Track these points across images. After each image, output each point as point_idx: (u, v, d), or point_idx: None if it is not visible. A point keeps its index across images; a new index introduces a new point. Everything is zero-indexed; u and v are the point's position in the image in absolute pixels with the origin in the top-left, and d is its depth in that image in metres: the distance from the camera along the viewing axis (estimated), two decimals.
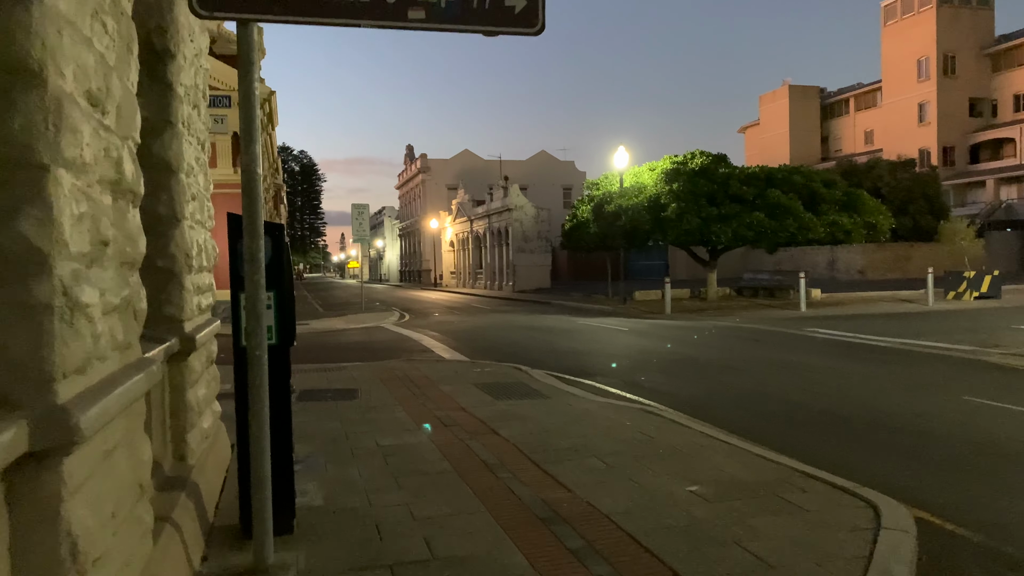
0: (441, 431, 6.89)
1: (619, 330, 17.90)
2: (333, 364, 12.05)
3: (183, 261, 4.75)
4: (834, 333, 16.16)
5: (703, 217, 24.56)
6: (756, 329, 17.66)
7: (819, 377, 10.28)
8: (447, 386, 9.49)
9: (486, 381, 9.81)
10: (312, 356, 13.92)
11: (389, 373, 10.62)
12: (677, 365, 11.78)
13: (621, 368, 11.49)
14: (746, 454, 5.84)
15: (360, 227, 26.66)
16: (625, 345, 14.75)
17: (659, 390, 9.49)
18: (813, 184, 25.88)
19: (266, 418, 3.89)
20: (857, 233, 25.30)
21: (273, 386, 4.39)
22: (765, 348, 13.99)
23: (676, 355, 13.05)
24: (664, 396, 9.01)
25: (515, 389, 9.20)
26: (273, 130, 29.39)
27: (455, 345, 15.13)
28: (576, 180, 71.34)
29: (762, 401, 8.68)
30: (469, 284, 54.03)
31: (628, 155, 26.92)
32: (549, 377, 10.24)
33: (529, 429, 6.87)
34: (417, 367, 11.24)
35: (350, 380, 10.13)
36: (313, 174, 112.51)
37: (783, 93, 75.00)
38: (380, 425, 7.22)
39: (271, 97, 22.89)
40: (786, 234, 24.45)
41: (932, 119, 58.19)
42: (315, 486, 5.29)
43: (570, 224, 30.04)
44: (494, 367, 11.09)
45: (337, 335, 18.60)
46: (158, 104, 4.62)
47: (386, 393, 9.05)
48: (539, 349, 14.15)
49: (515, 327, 19.53)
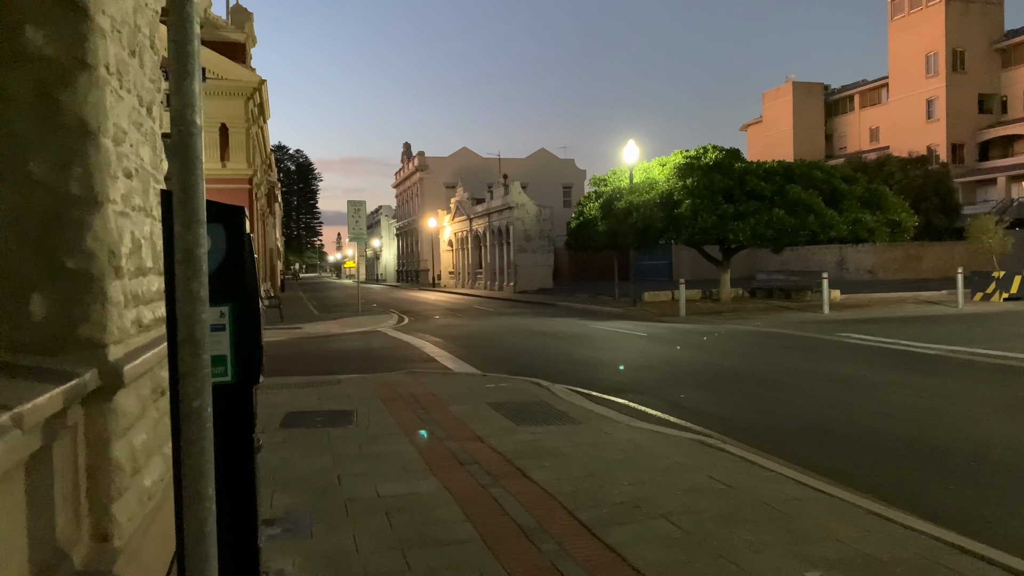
0: (456, 474, 5.52)
1: (636, 335, 16.54)
2: (326, 377, 10.68)
3: (106, 261, 3.37)
4: (870, 338, 14.82)
5: (719, 214, 23.23)
6: (783, 334, 16.32)
7: (885, 395, 8.93)
8: (458, 406, 8.12)
9: (502, 400, 8.45)
10: (303, 366, 12.55)
11: (390, 389, 9.25)
12: (715, 378, 10.43)
13: (652, 382, 10.14)
14: (860, 512, 4.48)
15: (356, 224, 25.29)
16: (648, 353, 13.40)
17: (706, 412, 8.14)
18: (833, 180, 24.57)
19: (209, 502, 2.53)
20: (880, 231, 23.98)
21: (227, 443, 3.03)
22: (804, 357, 12.65)
23: (709, 366, 11.70)
24: (715, 420, 7.66)
25: (538, 411, 7.84)
26: (265, 123, 28.00)
27: (461, 353, 13.76)
28: (576, 178, 70.05)
29: (832, 427, 7.33)
30: (468, 284, 52.65)
31: (638, 149, 25.57)
32: (574, 394, 8.89)
33: (567, 470, 5.51)
34: (422, 381, 9.87)
35: (345, 399, 8.76)
36: (309, 173, 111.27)
37: (787, 90, 73.80)
38: (381, 463, 5.86)
39: (261, 87, 21.51)
40: (807, 232, 23.12)
41: (941, 116, 56.96)
42: (296, 565, 3.92)
43: (576, 222, 28.66)
44: (509, 382, 9.72)
45: (331, 341, 17.22)
46: (69, 38, 3.25)
47: (387, 417, 7.69)
48: (555, 358, 12.78)
49: (523, 332, 18.17)
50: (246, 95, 21.16)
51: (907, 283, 37.50)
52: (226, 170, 21.05)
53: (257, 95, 22.00)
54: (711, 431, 7.07)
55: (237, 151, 21.16)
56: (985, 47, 57.34)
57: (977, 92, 57.12)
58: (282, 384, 10.00)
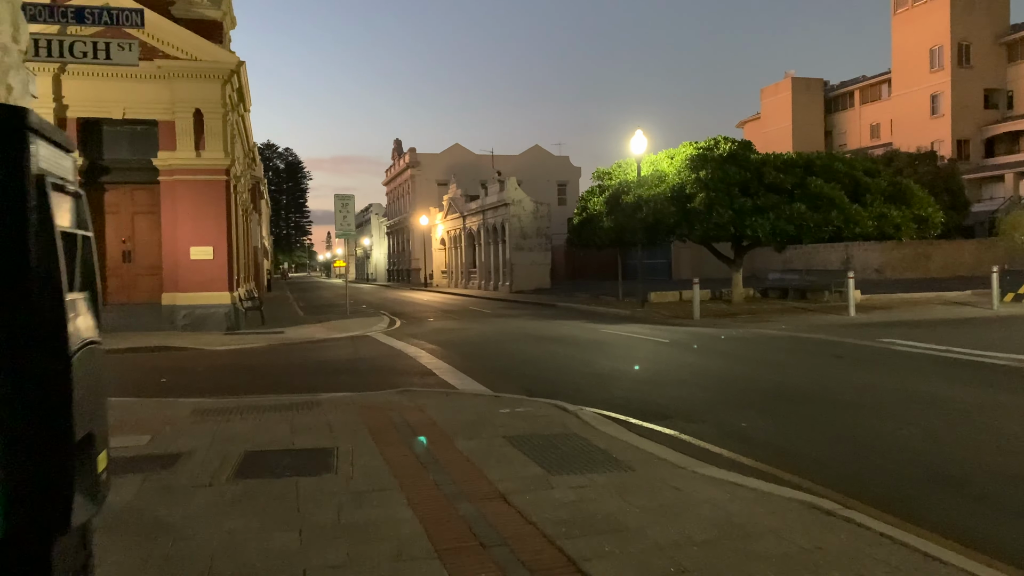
0: (479, 567, 3.76)
1: (657, 342, 14.82)
2: (304, 397, 8.89)
3: None
4: (919, 345, 13.14)
5: (736, 209, 21.52)
6: (820, 340, 14.63)
7: (997, 423, 7.22)
8: (467, 442, 6.37)
9: (523, 431, 6.70)
10: (279, 381, 10.77)
11: (380, 416, 7.47)
12: (771, 396, 8.70)
13: (698, 402, 8.40)
14: None
15: (345, 220, 23.46)
16: (678, 364, 11.67)
17: (781, 447, 6.41)
18: (855, 173, 22.90)
19: None
20: (907, 227, 22.33)
21: None
22: (860, 368, 10.95)
23: (757, 380, 9.98)
24: (802, 461, 5.93)
25: (571, 449, 6.09)
26: (246, 111, 26.09)
27: (461, 364, 11.97)
28: (571, 175, 68.33)
29: (967, 475, 5.60)
30: (462, 284, 50.85)
31: (646, 140, 23.84)
32: (610, 423, 7.13)
33: (643, 562, 3.75)
34: (419, 404, 8.09)
35: (324, 430, 6.98)
36: (299, 171, 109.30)
37: (786, 86, 72.33)
38: (369, 543, 4.10)
39: (240, 69, 19.65)
40: (831, 228, 21.46)
41: (946, 111, 55.54)
42: None
43: (579, 218, 26.90)
44: (527, 405, 7.95)
45: (315, 349, 15.41)
46: None
47: (376, 458, 5.92)
48: (571, 370, 11.03)
49: (529, 337, 16.41)
50: (223, 78, 19.29)
51: (918, 282, 35.97)
52: (200, 159, 19.16)
53: (235, 79, 20.14)
54: (809, 480, 5.34)
55: (213, 139, 19.29)
56: (991, 41, 55.97)
57: (983, 87, 55.74)
58: (249, 407, 8.21)
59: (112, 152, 19.44)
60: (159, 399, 9.02)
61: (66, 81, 18.52)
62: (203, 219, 19.27)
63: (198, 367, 12.75)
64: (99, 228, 19.44)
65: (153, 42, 18.89)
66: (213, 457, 6.02)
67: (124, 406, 8.50)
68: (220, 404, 8.57)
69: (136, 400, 8.93)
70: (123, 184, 19.51)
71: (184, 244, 19.17)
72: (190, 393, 9.80)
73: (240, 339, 17.08)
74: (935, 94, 56.52)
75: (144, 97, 18.91)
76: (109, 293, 19.59)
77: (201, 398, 9.11)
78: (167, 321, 19.07)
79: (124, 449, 6.35)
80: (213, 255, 19.34)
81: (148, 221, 19.62)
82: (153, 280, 19.66)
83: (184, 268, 19.15)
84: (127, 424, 7.48)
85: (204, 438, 6.69)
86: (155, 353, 14.79)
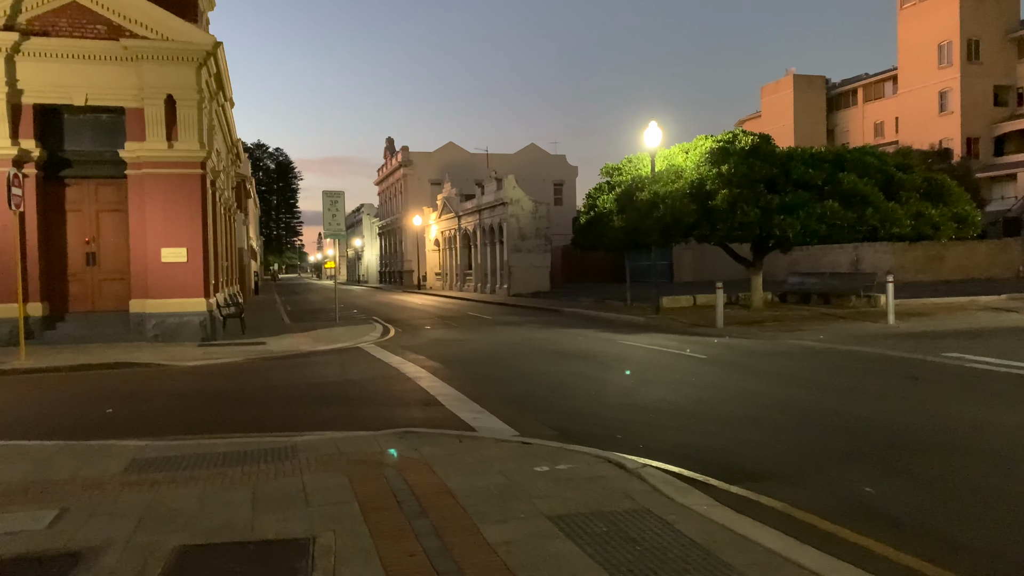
0: None
1: (693, 358, 12.92)
2: (278, 438, 6.97)
3: None
4: (991, 360, 11.32)
5: (762, 207, 19.68)
6: (873, 355, 12.77)
7: None
8: (499, 528, 4.46)
9: (574, 509, 4.79)
10: (249, 412, 8.83)
11: (375, 479, 5.54)
12: (874, 441, 6.80)
13: (788, 452, 6.50)
14: None
15: (334, 220, 21.51)
16: (734, 391, 9.77)
17: (940, 530, 4.53)
18: (887, 168, 21.11)
19: None
20: (947, 227, 20.55)
21: None
22: (953, 396, 9.08)
23: (841, 414, 8.06)
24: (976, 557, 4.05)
25: (650, 540, 4.19)
26: (227, 101, 24.07)
27: (472, 389, 10.01)
28: (568, 175, 66.52)
29: None
30: (457, 286, 48.90)
31: (662, 132, 22.00)
32: (689, 490, 5.21)
33: None
34: (425, 458, 6.15)
35: (297, 502, 5.05)
36: (289, 172, 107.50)
37: (787, 83, 70.76)
38: None
39: (217, 51, 17.62)
40: (866, 228, 19.65)
41: (955, 108, 53.94)
42: None
43: (586, 217, 24.97)
44: (569, 459, 6.01)
45: (298, 365, 13.44)
46: None
47: (373, 564, 3.99)
48: (608, 399, 9.12)
49: (543, 352, 14.50)
50: (198, 60, 17.28)
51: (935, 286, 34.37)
52: (173, 151, 17.15)
53: (212, 62, 18.14)
54: None
55: (187, 129, 17.28)
56: (1000, 37, 54.45)
57: (992, 84, 54.20)
58: (204, 457, 6.28)
59: (74, 143, 17.42)
60: (93, 443, 7.07)
61: (21, 63, 16.51)
62: (176, 218, 17.27)
63: (157, 391, 10.78)
64: (59, 228, 17.38)
65: (118, 19, 16.90)
66: (131, 560, 4.10)
67: (42, 455, 6.55)
68: (169, 450, 6.64)
69: (63, 445, 6.98)
70: (86, 179, 17.50)
71: (154, 245, 17.17)
72: (137, 430, 7.86)
73: (215, 352, 15.10)
74: (943, 91, 54.93)
75: (109, 81, 16.90)
76: (70, 300, 17.57)
77: (148, 440, 7.17)
78: (135, 331, 17.08)
79: (10, 538, 4.43)
80: (187, 257, 17.35)
81: (114, 220, 17.62)
82: (120, 285, 17.65)
83: (154, 272, 17.14)
84: (34, 488, 5.55)
85: (128, 519, 4.76)
86: (112, 371, 12.80)
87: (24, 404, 9.89)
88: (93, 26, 16.90)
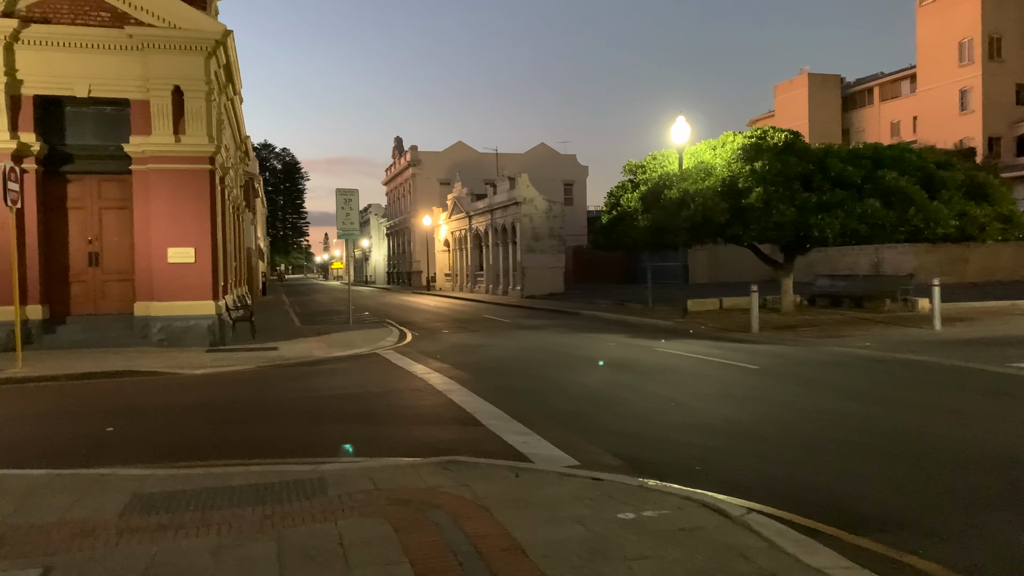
0: None
1: (742, 368, 11.92)
2: (300, 466, 6.02)
3: None
4: None
5: (798, 205, 18.69)
6: (931, 365, 11.78)
7: None
8: None
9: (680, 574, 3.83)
10: (263, 430, 7.88)
11: (424, 530, 4.58)
12: (998, 476, 5.83)
13: (907, 489, 5.52)
14: None
15: (348, 218, 20.58)
16: (807, 410, 8.77)
17: None
18: (927, 165, 20.09)
19: None
20: (992, 228, 19.55)
21: None
22: None
23: (944, 438, 7.06)
24: None
25: None
26: (236, 95, 23.18)
27: (510, 406, 8.99)
28: (578, 175, 65.50)
29: None
30: (467, 288, 47.95)
31: (689, 128, 21.03)
32: (816, 548, 4.23)
33: None
34: (480, 497, 5.17)
35: (334, 556, 4.08)
36: (296, 172, 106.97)
37: (801, 82, 69.66)
38: None
39: (227, 40, 16.70)
40: (908, 228, 18.65)
41: (977, 107, 52.76)
42: None
43: (608, 217, 23.97)
44: (653, 501, 5.02)
45: (313, 374, 12.48)
46: None
47: None
48: (668, 418, 8.13)
49: (574, 360, 13.53)
50: (207, 50, 16.37)
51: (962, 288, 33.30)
52: (180, 146, 16.24)
53: (221, 52, 17.23)
54: None
55: (195, 122, 16.38)
56: (1021, 34, 53.27)
57: (1015, 82, 53.02)
58: (216, 493, 5.33)
59: (76, 137, 16.52)
60: (88, 472, 6.14)
61: (20, 51, 15.61)
62: (183, 215, 16.36)
63: (162, 404, 9.85)
64: (60, 226, 16.46)
65: (123, 6, 16.00)
66: None
67: (27, 489, 5.62)
68: (175, 482, 5.70)
69: (53, 475, 6.04)
70: (89, 174, 16.60)
71: (160, 244, 16.25)
72: (139, 453, 6.93)
73: (224, 359, 14.17)
74: (964, 89, 53.76)
75: (113, 71, 16.00)
76: (72, 302, 16.67)
77: (150, 468, 6.24)
78: (140, 335, 16.17)
79: None
80: (195, 257, 16.44)
81: (119, 218, 16.71)
82: (124, 287, 16.75)
83: (160, 273, 16.23)
84: (18, 533, 4.62)
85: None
86: (115, 380, 11.87)
87: (16, 420, 8.97)
88: (96, 13, 16.00)
